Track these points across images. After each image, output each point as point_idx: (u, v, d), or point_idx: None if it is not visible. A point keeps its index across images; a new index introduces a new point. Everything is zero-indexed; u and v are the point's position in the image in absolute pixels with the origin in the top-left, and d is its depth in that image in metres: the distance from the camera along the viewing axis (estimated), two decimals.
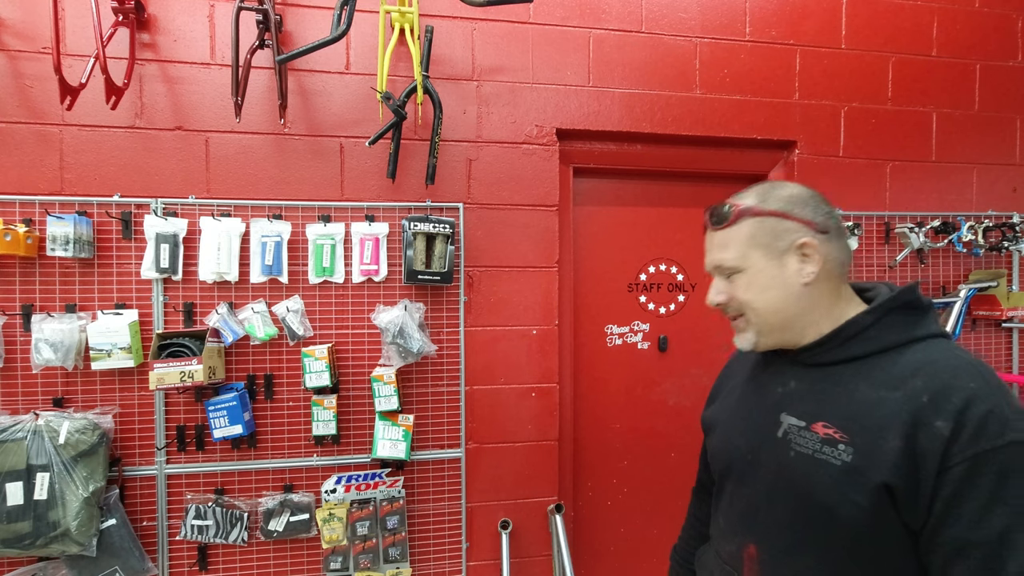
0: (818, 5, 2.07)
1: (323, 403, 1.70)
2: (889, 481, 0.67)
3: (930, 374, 0.69)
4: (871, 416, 0.71)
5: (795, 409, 0.80)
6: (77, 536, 1.49)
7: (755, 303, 0.81)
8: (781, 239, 0.79)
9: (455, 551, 1.84)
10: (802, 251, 0.78)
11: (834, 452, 0.72)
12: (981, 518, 0.63)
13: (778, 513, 0.79)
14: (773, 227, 0.79)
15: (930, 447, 0.65)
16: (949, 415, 0.65)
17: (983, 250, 2.07)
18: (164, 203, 1.67)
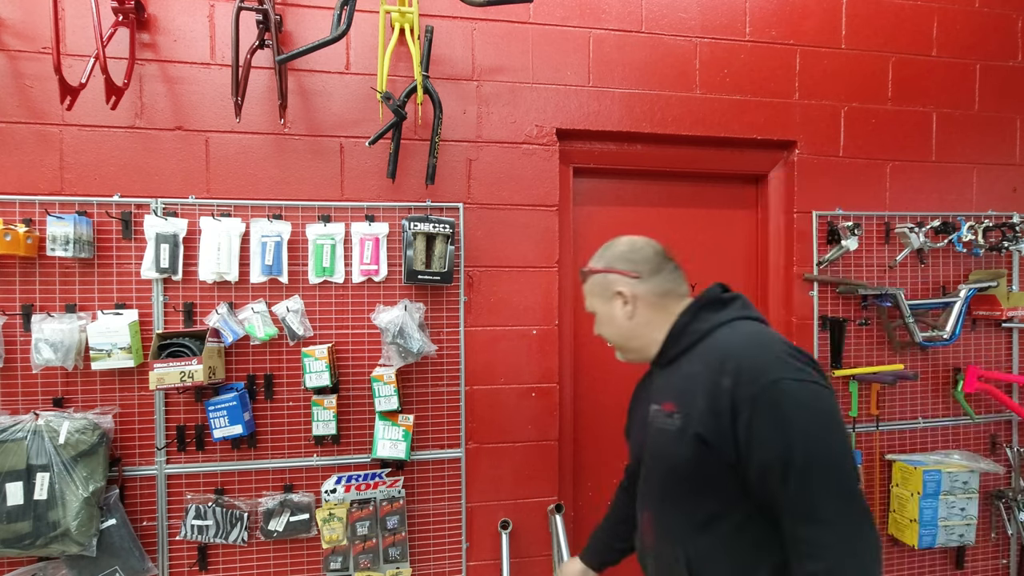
0: (818, 5, 2.07)
1: (323, 403, 1.70)
2: (700, 432, 0.90)
3: (722, 347, 0.94)
4: (689, 387, 0.96)
5: (655, 398, 1.05)
6: (77, 536, 1.49)
7: (607, 335, 1.12)
8: (607, 289, 1.08)
9: (455, 551, 1.84)
10: (620, 296, 1.06)
11: (671, 421, 0.97)
12: (766, 443, 0.84)
13: (653, 480, 1.06)
14: (601, 281, 1.09)
15: (723, 400, 0.88)
16: (729, 373, 0.89)
17: (983, 250, 2.07)
18: (164, 203, 1.67)
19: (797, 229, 2.05)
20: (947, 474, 1.97)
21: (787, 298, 2.08)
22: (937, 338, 2.02)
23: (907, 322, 1.97)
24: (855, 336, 2.08)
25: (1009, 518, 2.16)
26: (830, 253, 2.02)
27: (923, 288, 2.14)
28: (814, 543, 0.83)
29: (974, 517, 2.00)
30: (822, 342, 2.05)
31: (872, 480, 2.09)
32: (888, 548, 2.13)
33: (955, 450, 2.13)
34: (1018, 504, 2.13)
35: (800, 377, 0.85)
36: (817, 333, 2.04)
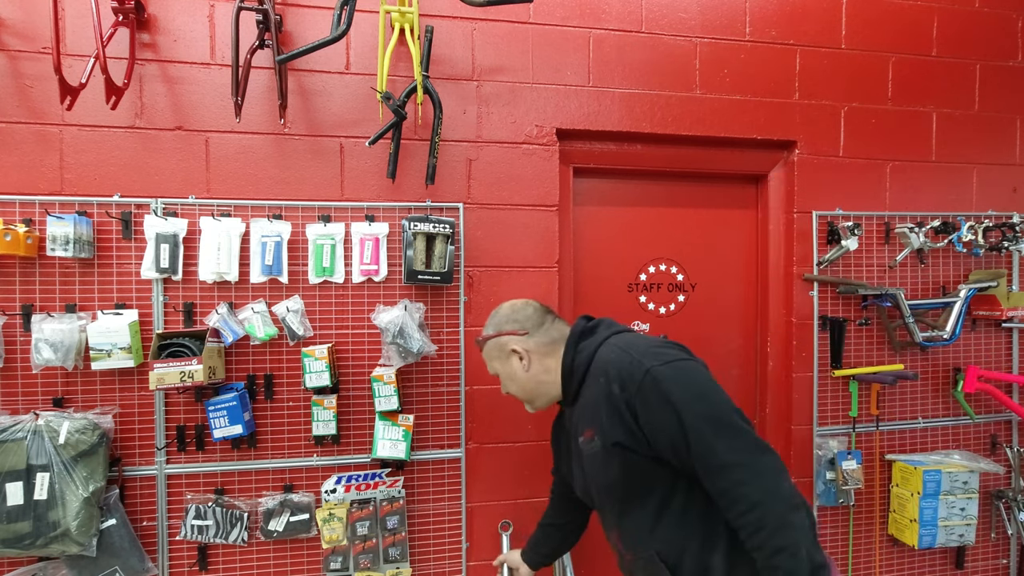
0: (818, 5, 2.07)
1: (323, 403, 1.70)
2: (617, 440, 1.03)
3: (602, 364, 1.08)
4: (594, 409, 1.07)
5: (575, 432, 1.17)
6: (77, 536, 1.49)
7: (512, 391, 1.26)
8: (502, 350, 1.23)
9: (455, 551, 1.84)
10: (515, 353, 1.20)
11: (594, 444, 1.08)
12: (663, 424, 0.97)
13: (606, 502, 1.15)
14: (496, 344, 1.24)
15: (617, 404, 1.02)
16: (615, 379, 1.03)
17: (983, 250, 2.07)
18: (164, 203, 1.67)
19: (797, 229, 2.05)
20: (947, 474, 1.97)
21: (787, 298, 2.08)
22: (937, 338, 2.02)
23: (907, 322, 1.97)
24: (855, 336, 2.08)
25: (1009, 518, 2.16)
26: (830, 253, 2.02)
27: (923, 288, 2.14)
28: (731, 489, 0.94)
29: (974, 517, 2.00)
30: (822, 342, 2.05)
31: (872, 480, 2.09)
32: (888, 548, 2.13)
33: (955, 450, 2.13)
34: (1018, 504, 2.13)
35: (664, 360, 1.01)
36: (817, 333, 2.05)
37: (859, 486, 2.02)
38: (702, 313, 2.15)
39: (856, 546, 2.09)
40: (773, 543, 0.89)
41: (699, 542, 1.03)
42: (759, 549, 0.91)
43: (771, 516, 0.90)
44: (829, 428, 2.07)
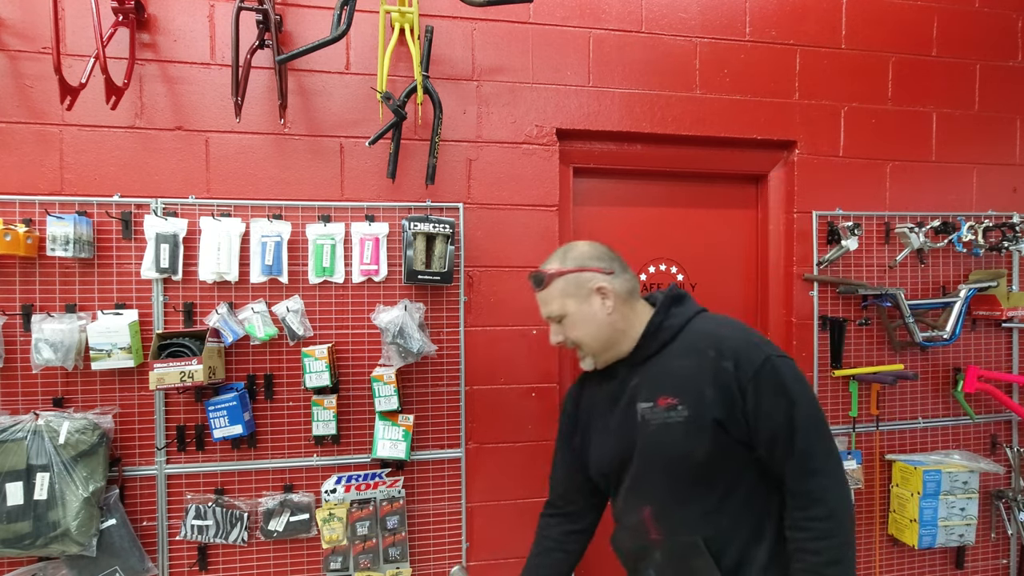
0: (818, 5, 2.07)
1: (323, 403, 1.70)
2: (717, 417, 0.98)
3: (710, 337, 1.03)
4: (688, 378, 1.02)
5: (642, 396, 1.07)
6: (77, 536, 1.49)
7: (581, 337, 1.10)
8: (583, 287, 1.08)
9: (455, 551, 1.84)
10: (600, 292, 1.08)
11: (675, 413, 1.01)
12: (772, 413, 0.96)
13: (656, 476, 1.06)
14: (575, 280, 1.09)
15: (728, 382, 0.98)
16: (729, 356, 0.99)
17: (983, 250, 2.07)
18: (164, 203, 1.67)
19: (797, 229, 2.05)
20: (947, 474, 1.97)
21: (787, 298, 2.08)
22: (937, 338, 2.02)
23: (907, 322, 1.97)
24: (855, 336, 2.08)
25: (1009, 518, 2.16)
26: (830, 253, 2.02)
27: (923, 288, 2.14)
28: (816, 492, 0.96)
29: (974, 517, 2.00)
30: (822, 342, 2.05)
31: (872, 480, 2.09)
32: (888, 548, 2.13)
33: (955, 450, 2.13)
34: (1018, 504, 2.13)
35: (779, 353, 1.01)
36: (817, 333, 2.04)
37: (859, 486, 2.02)
38: None
39: (856, 546, 2.09)
40: (834, 554, 0.93)
41: (748, 533, 1.02)
42: (816, 553, 0.94)
43: (842, 530, 0.94)
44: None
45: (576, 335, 1.10)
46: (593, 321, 1.08)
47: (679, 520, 1.05)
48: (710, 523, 1.03)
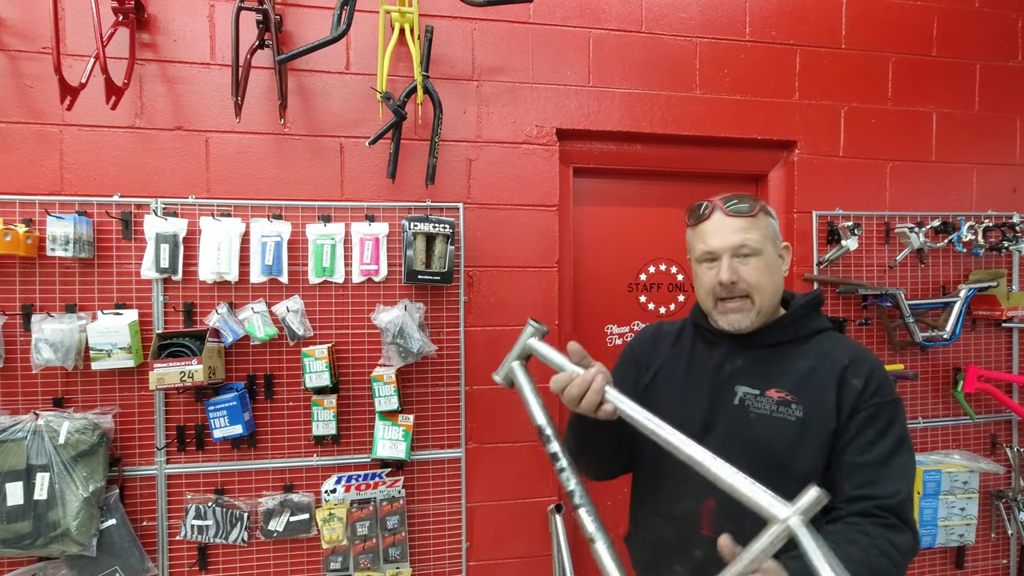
0: (818, 5, 2.07)
1: (323, 403, 1.70)
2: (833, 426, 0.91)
3: (846, 349, 0.97)
4: (812, 381, 0.94)
5: (747, 381, 0.98)
6: (77, 536, 1.49)
7: (764, 286, 0.96)
8: (778, 238, 1.01)
9: (455, 551, 1.84)
10: (788, 251, 1.03)
11: (788, 411, 0.93)
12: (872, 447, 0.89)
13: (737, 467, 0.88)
14: (775, 227, 1.01)
15: (848, 397, 0.91)
16: (861, 375, 0.92)
17: (983, 250, 2.07)
18: (164, 203, 1.67)
19: (797, 229, 2.05)
20: (947, 474, 1.97)
21: None
22: (937, 338, 2.02)
23: (907, 322, 1.97)
24: (855, 336, 2.08)
25: (1009, 518, 2.16)
26: (830, 253, 2.02)
27: (923, 288, 2.14)
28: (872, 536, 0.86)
29: (974, 517, 2.00)
30: None
31: None
32: None
33: (955, 450, 2.13)
34: (1018, 504, 2.13)
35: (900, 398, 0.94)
36: None
37: None
38: None
39: None
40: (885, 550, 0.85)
41: None
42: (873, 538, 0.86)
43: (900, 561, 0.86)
44: None
45: (758, 279, 0.96)
46: (777, 274, 0.99)
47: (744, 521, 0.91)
48: None
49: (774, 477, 0.83)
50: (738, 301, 0.97)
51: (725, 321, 0.98)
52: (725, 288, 0.96)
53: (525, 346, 0.90)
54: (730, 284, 0.95)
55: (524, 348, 0.90)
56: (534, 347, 0.89)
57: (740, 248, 0.96)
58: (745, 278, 0.95)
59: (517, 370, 0.91)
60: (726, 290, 0.96)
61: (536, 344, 0.89)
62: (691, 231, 1.04)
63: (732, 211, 0.98)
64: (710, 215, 0.99)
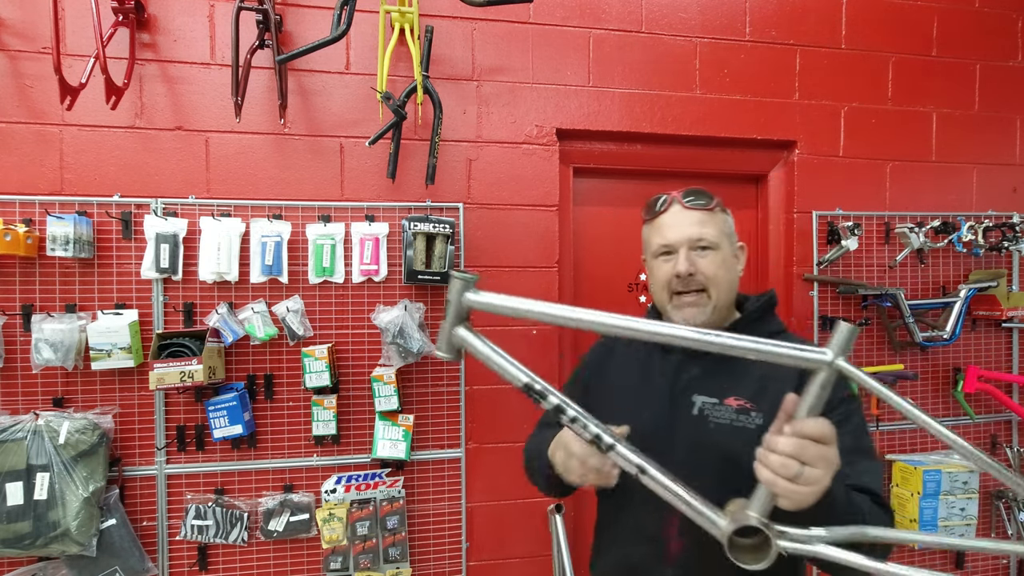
0: (818, 5, 2.07)
1: (323, 403, 1.70)
2: None
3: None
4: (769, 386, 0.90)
5: (705, 390, 0.95)
6: (77, 536, 1.49)
7: (720, 280, 0.95)
8: (734, 236, 1.01)
9: (455, 551, 1.84)
10: (743, 251, 1.02)
11: (748, 419, 0.90)
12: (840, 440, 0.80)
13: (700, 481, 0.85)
14: (731, 225, 1.01)
15: None
16: None
17: (983, 250, 2.07)
18: (164, 203, 1.67)
19: (797, 229, 2.05)
20: (947, 474, 1.97)
21: (787, 298, 2.08)
22: (937, 338, 2.02)
23: (907, 322, 1.97)
24: None
25: (1009, 518, 2.16)
26: (830, 253, 2.02)
27: (923, 288, 2.14)
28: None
29: (974, 517, 2.00)
30: (822, 342, 2.05)
31: None
32: None
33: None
34: (1018, 504, 2.13)
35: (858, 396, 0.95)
36: (817, 333, 2.04)
37: None
38: None
39: None
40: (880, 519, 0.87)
41: None
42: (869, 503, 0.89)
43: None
44: None
45: (715, 272, 0.95)
46: (732, 271, 0.98)
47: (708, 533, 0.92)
48: None
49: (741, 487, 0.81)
50: (694, 295, 0.95)
51: (680, 316, 0.96)
52: (682, 281, 0.94)
53: (460, 304, 0.76)
54: (687, 276, 0.94)
55: (461, 307, 0.76)
56: (472, 301, 0.75)
57: (698, 241, 0.95)
58: (702, 271, 0.94)
59: (466, 335, 0.76)
60: (683, 283, 0.95)
61: (473, 297, 0.75)
62: (648, 226, 1.03)
63: (690, 205, 0.97)
64: (668, 208, 0.98)
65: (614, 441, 0.71)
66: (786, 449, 0.64)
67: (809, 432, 0.64)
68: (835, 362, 0.63)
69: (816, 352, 0.64)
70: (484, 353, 0.75)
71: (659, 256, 0.98)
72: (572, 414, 0.72)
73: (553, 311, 0.73)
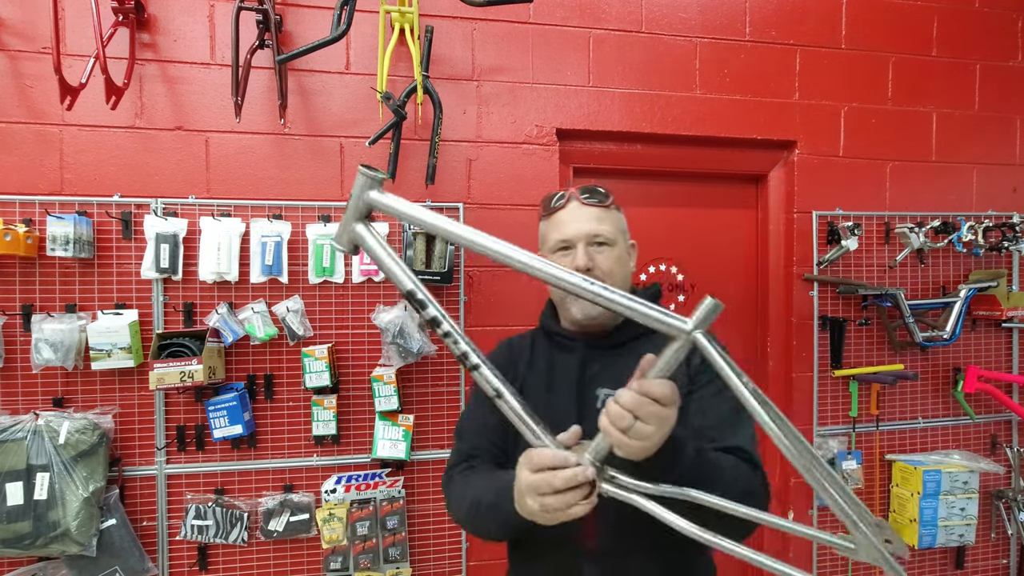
0: (818, 5, 2.07)
1: (323, 403, 1.70)
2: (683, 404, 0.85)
3: None
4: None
5: (606, 383, 0.95)
6: (77, 536, 1.49)
7: (617, 275, 0.97)
8: (627, 234, 1.04)
9: (455, 551, 1.84)
10: (634, 248, 1.05)
11: None
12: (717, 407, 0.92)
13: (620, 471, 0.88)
14: (624, 223, 1.03)
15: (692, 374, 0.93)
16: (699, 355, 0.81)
17: (983, 250, 2.07)
18: (164, 203, 1.67)
19: (797, 229, 2.05)
20: (947, 474, 1.97)
21: (787, 298, 2.08)
22: (937, 338, 2.02)
23: (907, 322, 1.97)
24: (855, 336, 2.08)
25: (1009, 518, 2.16)
26: (830, 253, 2.02)
27: (923, 288, 2.14)
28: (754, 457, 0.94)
29: (974, 517, 2.00)
30: (822, 342, 2.05)
31: (872, 480, 2.09)
32: None
33: (955, 450, 2.13)
34: (1018, 504, 2.13)
35: None
36: (817, 333, 2.04)
37: (859, 486, 2.02)
38: None
39: None
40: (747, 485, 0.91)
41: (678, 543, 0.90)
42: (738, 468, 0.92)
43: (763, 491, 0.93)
44: (829, 428, 2.07)
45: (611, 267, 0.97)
46: (626, 267, 1.02)
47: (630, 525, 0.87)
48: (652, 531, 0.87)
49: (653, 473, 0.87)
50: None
51: (577, 308, 0.97)
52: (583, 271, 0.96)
53: (361, 200, 0.73)
54: (585, 271, 0.94)
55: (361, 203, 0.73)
56: (374, 200, 0.73)
57: (595, 237, 0.97)
58: (600, 266, 0.96)
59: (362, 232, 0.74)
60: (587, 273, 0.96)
61: (376, 196, 0.73)
62: (545, 222, 1.03)
63: (587, 201, 0.99)
64: (566, 204, 1.00)
65: (479, 361, 0.72)
66: (625, 403, 0.66)
67: (649, 390, 0.66)
68: (692, 333, 0.64)
69: (678, 320, 0.65)
70: (377, 254, 0.74)
71: (557, 251, 1.00)
72: (446, 328, 0.72)
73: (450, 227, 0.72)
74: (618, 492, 0.71)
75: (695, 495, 0.71)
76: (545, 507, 0.70)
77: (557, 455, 0.70)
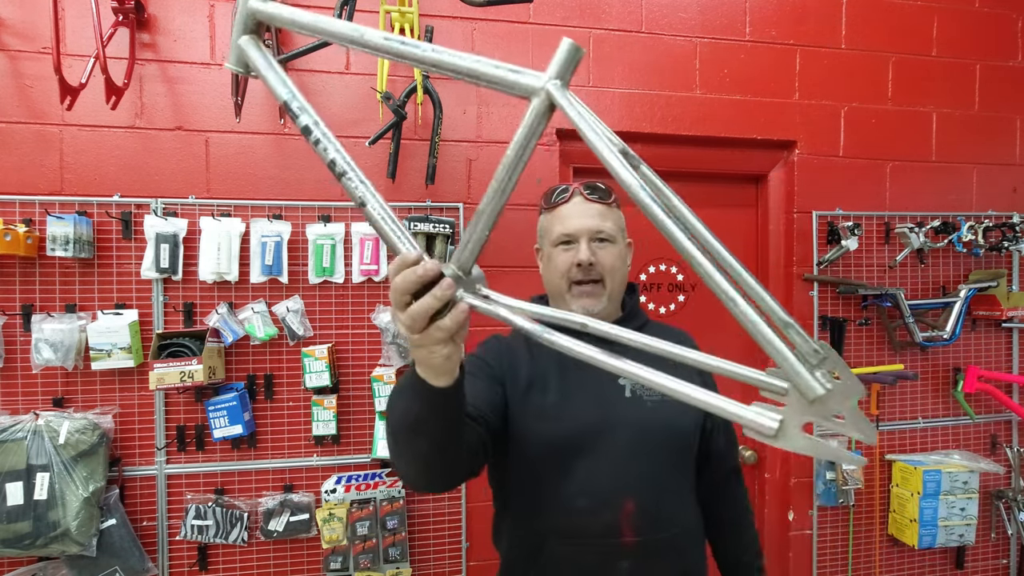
0: (818, 5, 2.07)
1: (323, 403, 1.70)
2: None
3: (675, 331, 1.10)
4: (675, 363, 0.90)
5: None
6: (77, 536, 1.49)
7: (617, 273, 0.99)
8: (625, 232, 1.04)
9: (455, 551, 1.84)
10: (631, 247, 1.07)
11: None
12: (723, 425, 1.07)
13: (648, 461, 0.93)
14: (624, 221, 1.04)
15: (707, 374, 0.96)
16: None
17: (983, 250, 2.07)
18: (164, 203, 1.67)
19: (797, 229, 2.05)
20: (947, 474, 1.97)
21: (787, 298, 2.08)
22: (937, 338, 2.02)
23: (907, 322, 1.97)
24: (855, 336, 2.08)
25: (1009, 518, 2.16)
26: (830, 253, 2.02)
27: (923, 288, 2.14)
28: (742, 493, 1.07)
29: (974, 517, 2.00)
30: None
31: (872, 480, 2.09)
32: (888, 548, 2.13)
33: (955, 450, 2.13)
34: (1018, 504, 2.13)
35: None
36: (817, 333, 2.04)
37: (859, 486, 2.02)
38: (702, 313, 2.14)
39: (856, 546, 2.09)
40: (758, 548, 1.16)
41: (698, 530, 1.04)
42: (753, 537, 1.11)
43: None
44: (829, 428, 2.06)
45: (612, 263, 0.98)
46: (625, 264, 1.03)
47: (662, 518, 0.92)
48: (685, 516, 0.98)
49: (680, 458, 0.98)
50: (591, 285, 0.98)
51: (578, 304, 0.97)
52: (582, 270, 0.96)
53: (247, 12, 0.67)
54: (588, 266, 0.95)
55: (247, 16, 0.68)
56: (255, 8, 0.66)
57: (597, 233, 0.98)
58: (601, 261, 0.97)
59: (248, 47, 0.68)
60: (583, 272, 0.96)
61: (257, 4, 0.66)
62: (547, 215, 1.03)
63: (591, 197, 0.99)
64: (569, 199, 1.00)
65: (347, 168, 0.62)
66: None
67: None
68: (546, 86, 0.49)
69: (531, 75, 0.51)
70: (256, 61, 0.66)
71: (559, 245, 1.00)
72: (316, 136, 0.62)
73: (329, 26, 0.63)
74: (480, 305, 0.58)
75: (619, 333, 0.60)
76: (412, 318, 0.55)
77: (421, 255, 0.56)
